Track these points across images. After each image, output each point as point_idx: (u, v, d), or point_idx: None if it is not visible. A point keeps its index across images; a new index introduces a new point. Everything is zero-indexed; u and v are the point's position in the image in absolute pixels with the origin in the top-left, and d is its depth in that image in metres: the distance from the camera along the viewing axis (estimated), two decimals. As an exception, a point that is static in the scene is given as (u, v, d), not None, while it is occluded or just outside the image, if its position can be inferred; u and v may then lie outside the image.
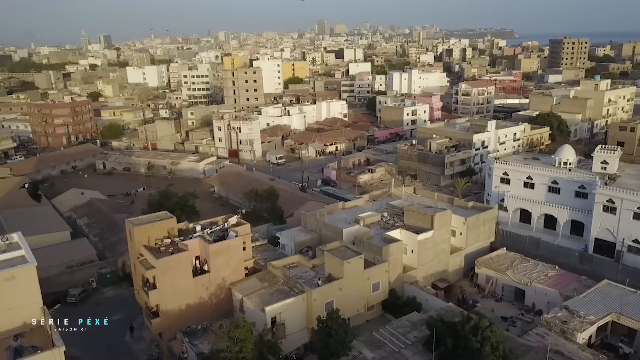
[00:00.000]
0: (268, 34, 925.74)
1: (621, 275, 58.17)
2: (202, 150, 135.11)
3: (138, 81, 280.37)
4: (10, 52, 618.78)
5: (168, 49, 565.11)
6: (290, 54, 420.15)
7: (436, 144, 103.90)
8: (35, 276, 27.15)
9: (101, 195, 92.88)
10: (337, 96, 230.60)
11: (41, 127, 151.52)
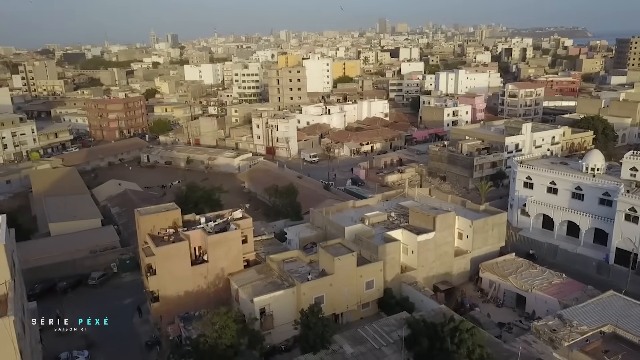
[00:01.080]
0: (329, 32, 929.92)
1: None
2: (242, 147, 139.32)
3: (194, 79, 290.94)
4: (85, 50, 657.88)
5: (228, 48, 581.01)
6: (345, 53, 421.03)
7: (467, 145, 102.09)
8: (4, 254, 29.91)
9: (137, 187, 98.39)
10: (385, 95, 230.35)
11: (97, 121, 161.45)
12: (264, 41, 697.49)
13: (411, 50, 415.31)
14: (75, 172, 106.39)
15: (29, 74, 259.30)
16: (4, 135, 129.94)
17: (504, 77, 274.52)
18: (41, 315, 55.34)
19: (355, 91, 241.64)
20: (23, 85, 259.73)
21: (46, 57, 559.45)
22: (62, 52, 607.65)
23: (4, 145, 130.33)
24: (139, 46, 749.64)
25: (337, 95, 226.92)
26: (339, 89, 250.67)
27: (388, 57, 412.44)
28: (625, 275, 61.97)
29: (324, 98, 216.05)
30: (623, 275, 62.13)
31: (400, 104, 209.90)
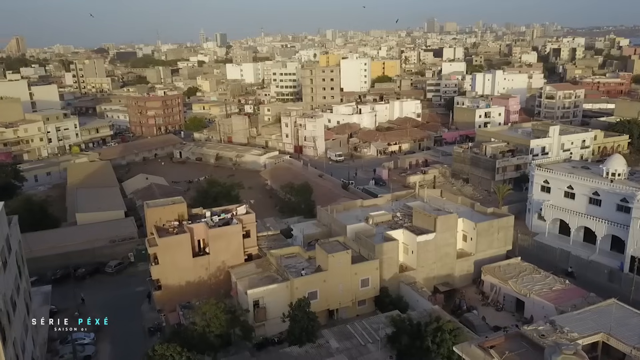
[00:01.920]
0: (375, 32, 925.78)
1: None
2: (271, 145, 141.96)
3: (236, 77, 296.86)
4: (137, 49, 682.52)
5: (273, 47, 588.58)
6: (387, 53, 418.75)
7: (491, 147, 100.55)
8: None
9: (164, 181, 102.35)
10: (423, 96, 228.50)
11: (137, 117, 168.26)
12: (307, 40, 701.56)
13: (455, 50, 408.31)
14: (108, 166, 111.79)
15: (79, 72, 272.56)
16: (49, 129, 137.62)
17: (549, 78, 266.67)
18: (55, 299, 59.78)
19: (392, 91, 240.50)
20: (74, 83, 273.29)
21: (100, 55, 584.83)
22: (115, 51, 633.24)
23: (49, 139, 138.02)
24: (189, 45, 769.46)
25: (374, 94, 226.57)
26: (376, 88, 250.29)
27: (431, 57, 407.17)
28: (637, 284, 59.94)
29: (360, 97, 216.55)
30: (636, 285, 60.09)
31: (437, 105, 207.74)
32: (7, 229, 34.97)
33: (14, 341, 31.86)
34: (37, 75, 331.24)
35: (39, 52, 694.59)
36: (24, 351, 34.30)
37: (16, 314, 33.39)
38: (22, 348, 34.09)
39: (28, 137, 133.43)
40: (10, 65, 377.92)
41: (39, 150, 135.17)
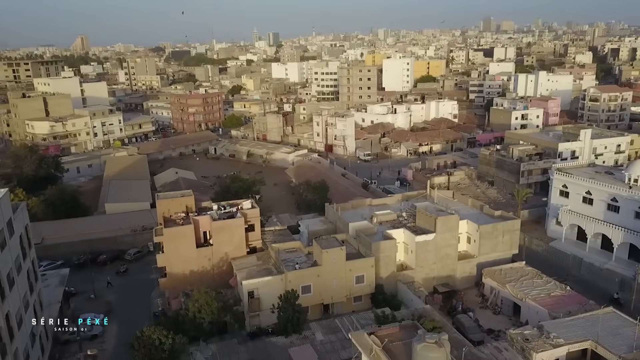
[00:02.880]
0: (428, 31, 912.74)
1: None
2: (303, 144, 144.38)
3: (280, 76, 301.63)
4: (192, 47, 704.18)
5: (322, 46, 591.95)
6: (435, 52, 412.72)
7: (518, 150, 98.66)
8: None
9: (193, 176, 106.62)
10: (465, 96, 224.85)
11: (179, 114, 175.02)
12: (357, 40, 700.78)
13: (506, 49, 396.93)
14: (144, 160, 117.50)
15: (131, 70, 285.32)
16: (95, 124, 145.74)
17: (603, 80, 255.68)
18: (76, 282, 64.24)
19: (435, 91, 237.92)
20: (126, 80, 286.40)
21: (156, 54, 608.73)
22: (171, 50, 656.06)
23: (95, 133, 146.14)
24: (242, 44, 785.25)
25: (416, 94, 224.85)
26: (419, 88, 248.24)
27: (481, 57, 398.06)
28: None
29: (401, 97, 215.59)
30: (645, 294, 58.10)
31: (478, 106, 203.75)
32: (11, 214, 38.56)
33: (8, 314, 35.30)
34: (95, 73, 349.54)
35: (101, 50, 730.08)
36: (21, 324, 37.73)
37: (13, 290, 36.89)
38: (19, 321, 37.55)
39: (76, 131, 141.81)
40: (73, 63, 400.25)
41: (85, 144, 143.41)
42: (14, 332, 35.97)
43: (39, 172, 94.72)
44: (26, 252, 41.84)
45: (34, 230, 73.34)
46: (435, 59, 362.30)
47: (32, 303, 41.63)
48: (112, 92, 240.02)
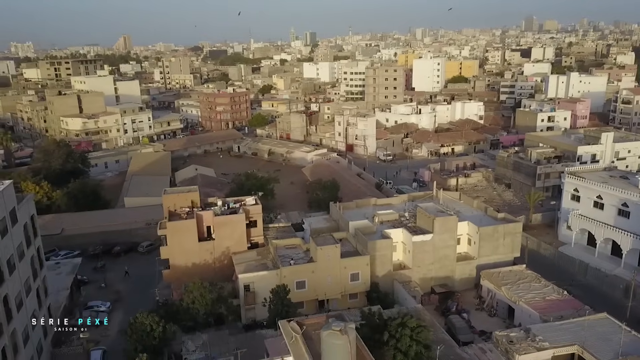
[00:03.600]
0: (468, 30, 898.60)
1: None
2: (325, 143, 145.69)
3: (312, 76, 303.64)
4: (229, 47, 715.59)
5: (357, 46, 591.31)
6: (470, 53, 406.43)
7: (536, 153, 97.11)
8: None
9: (212, 173, 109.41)
10: (496, 97, 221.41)
11: (207, 112, 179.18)
12: (392, 40, 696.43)
13: (544, 50, 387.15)
14: (167, 157, 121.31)
15: (165, 69, 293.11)
16: (125, 121, 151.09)
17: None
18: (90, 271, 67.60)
19: (465, 92, 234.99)
20: (161, 79, 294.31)
21: (194, 53, 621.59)
22: (208, 49, 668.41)
23: (125, 130, 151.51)
24: (279, 43, 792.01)
25: (445, 95, 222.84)
26: (449, 88, 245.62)
27: (518, 57, 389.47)
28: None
29: (431, 97, 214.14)
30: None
31: (509, 107, 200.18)
32: (15, 204, 41.40)
33: (7, 297, 38.04)
34: (134, 72, 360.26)
35: (142, 49, 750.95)
36: (21, 307, 40.50)
37: (13, 275, 39.67)
38: (19, 305, 40.31)
39: (107, 128, 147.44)
40: (114, 62, 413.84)
41: (115, 140, 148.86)
42: (12, 314, 38.70)
43: (66, 166, 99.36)
44: (31, 240, 44.69)
45: (55, 221, 77.98)
46: (470, 59, 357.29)
47: (34, 288, 44.42)
48: (147, 91, 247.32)
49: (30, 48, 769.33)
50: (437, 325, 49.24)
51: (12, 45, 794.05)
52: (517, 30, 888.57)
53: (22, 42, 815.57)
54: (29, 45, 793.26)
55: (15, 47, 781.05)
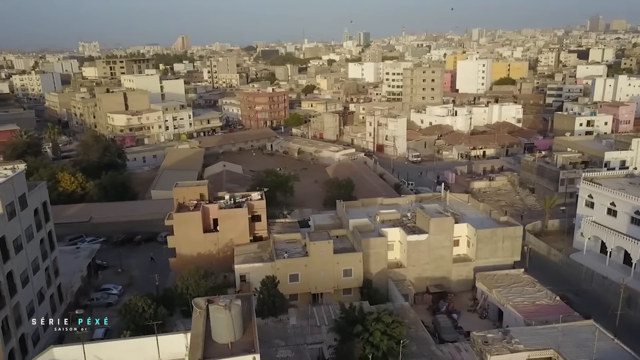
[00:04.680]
0: (527, 30, 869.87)
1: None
2: (356, 143, 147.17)
3: (357, 76, 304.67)
4: (282, 47, 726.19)
5: (408, 46, 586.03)
6: (523, 54, 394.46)
7: (562, 158, 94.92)
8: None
9: (239, 169, 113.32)
10: (542, 100, 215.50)
11: (246, 111, 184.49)
12: (444, 40, 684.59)
13: (603, 51, 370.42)
14: (200, 153, 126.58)
15: (213, 68, 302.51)
16: (166, 118, 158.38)
17: None
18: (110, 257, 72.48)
19: (510, 94, 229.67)
20: (208, 78, 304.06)
21: (247, 53, 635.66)
22: (261, 49, 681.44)
23: (166, 127, 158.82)
24: (332, 44, 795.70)
25: (489, 97, 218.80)
26: (493, 91, 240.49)
27: (574, 59, 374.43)
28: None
29: (474, 99, 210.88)
30: (650, 313, 55.28)
31: (554, 111, 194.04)
32: (25, 190, 45.97)
33: (11, 272, 42.46)
34: (186, 71, 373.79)
35: (199, 49, 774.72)
36: (26, 283, 44.95)
37: (20, 253, 44.13)
38: (24, 281, 44.76)
39: (149, 124, 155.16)
40: (168, 61, 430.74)
41: (157, 136, 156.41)
42: (16, 289, 43.12)
43: (103, 159, 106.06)
44: (42, 224, 49.31)
45: (85, 210, 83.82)
46: (523, 60, 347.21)
47: (43, 268, 48.94)
48: (194, 89, 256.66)
49: (96, 47, 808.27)
50: (419, 323, 50.21)
51: (80, 45, 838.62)
52: (582, 31, 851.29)
53: (89, 42, 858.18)
54: (95, 45, 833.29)
55: (82, 47, 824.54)
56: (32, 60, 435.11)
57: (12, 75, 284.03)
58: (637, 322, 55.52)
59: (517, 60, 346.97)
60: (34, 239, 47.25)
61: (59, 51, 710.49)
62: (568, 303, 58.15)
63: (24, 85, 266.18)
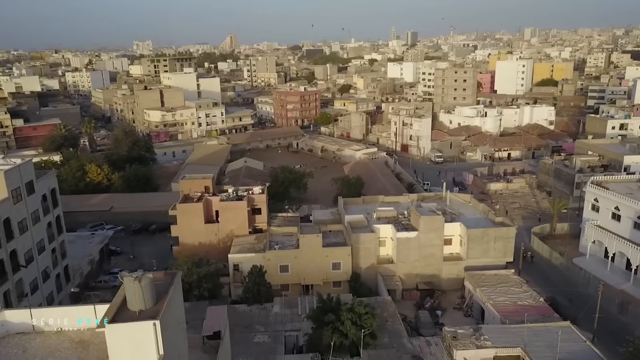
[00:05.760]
0: (584, 30, 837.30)
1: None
2: (381, 142, 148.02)
3: (396, 76, 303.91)
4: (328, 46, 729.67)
5: (453, 46, 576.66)
6: (571, 54, 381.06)
7: (580, 161, 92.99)
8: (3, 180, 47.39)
9: (260, 166, 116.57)
10: (584, 102, 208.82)
11: (279, 110, 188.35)
12: (491, 40, 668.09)
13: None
14: (226, 149, 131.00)
15: (252, 67, 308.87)
16: (199, 115, 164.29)
17: None
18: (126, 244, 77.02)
19: (551, 95, 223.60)
20: (248, 76, 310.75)
21: (292, 52, 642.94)
22: (306, 48, 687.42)
23: (199, 123, 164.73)
24: (379, 43, 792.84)
25: (528, 98, 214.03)
26: (533, 92, 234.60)
27: (627, 59, 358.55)
28: None
29: (512, 100, 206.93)
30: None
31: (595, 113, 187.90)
32: (33, 177, 50.50)
33: (15, 251, 46.91)
34: (229, 69, 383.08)
35: (246, 48, 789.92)
36: (30, 262, 49.42)
37: (25, 234, 48.62)
38: (28, 260, 49.23)
39: (183, 121, 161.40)
40: (214, 60, 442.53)
41: (190, 132, 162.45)
42: (20, 267, 47.56)
43: (131, 152, 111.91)
44: (49, 209, 53.80)
45: (107, 199, 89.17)
46: (570, 60, 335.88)
47: (49, 249, 53.46)
48: (233, 88, 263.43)
49: (149, 46, 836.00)
50: (397, 317, 51.70)
51: (135, 44, 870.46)
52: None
53: (143, 41, 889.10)
54: (148, 44, 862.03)
55: (136, 46, 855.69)
56: (87, 59, 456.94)
57: (66, 73, 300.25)
58: (623, 327, 54.73)
59: (563, 60, 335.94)
60: (40, 222, 51.73)
61: (114, 50, 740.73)
62: (555, 305, 58.22)
63: (75, 82, 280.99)
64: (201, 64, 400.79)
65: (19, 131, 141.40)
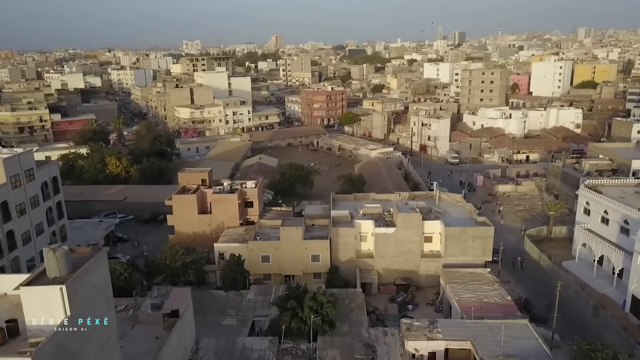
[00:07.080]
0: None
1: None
2: (401, 143, 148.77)
3: (432, 76, 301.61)
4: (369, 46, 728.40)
5: (497, 47, 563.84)
6: (619, 56, 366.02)
7: (589, 164, 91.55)
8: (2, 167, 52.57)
9: (274, 163, 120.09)
10: (622, 105, 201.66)
11: (306, 109, 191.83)
12: (537, 40, 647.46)
13: None
14: (245, 146, 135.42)
15: (287, 67, 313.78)
16: (227, 113, 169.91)
17: None
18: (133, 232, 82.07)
19: (588, 98, 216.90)
20: (282, 76, 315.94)
21: (334, 52, 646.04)
22: (349, 48, 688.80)
23: (226, 121, 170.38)
24: (426, 43, 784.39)
25: (563, 101, 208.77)
26: (570, 94, 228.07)
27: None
28: (610, 326, 53.89)
29: (547, 103, 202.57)
30: (609, 326, 54.21)
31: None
32: (33, 166, 55.66)
33: (12, 232, 52.07)
34: (269, 69, 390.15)
35: (291, 47, 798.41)
36: (28, 242, 54.56)
37: (23, 217, 53.78)
38: (25, 240, 54.35)
39: (210, 118, 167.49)
40: (255, 59, 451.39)
41: (217, 129, 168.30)
42: (16, 245, 52.71)
43: (153, 147, 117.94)
44: (50, 195, 58.94)
45: (122, 190, 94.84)
46: (616, 62, 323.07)
47: (48, 232, 58.61)
48: (267, 87, 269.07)
49: (198, 45, 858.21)
50: (362, 308, 53.72)
51: (184, 43, 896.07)
52: None
53: (192, 40, 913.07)
54: (196, 43, 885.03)
55: (185, 45, 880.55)
56: (134, 57, 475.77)
57: (112, 71, 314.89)
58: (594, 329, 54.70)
59: (611, 62, 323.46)
60: (39, 206, 56.90)
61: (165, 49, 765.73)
62: (527, 305, 58.82)
63: (120, 80, 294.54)
64: (242, 64, 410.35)
65: (56, 125, 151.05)
